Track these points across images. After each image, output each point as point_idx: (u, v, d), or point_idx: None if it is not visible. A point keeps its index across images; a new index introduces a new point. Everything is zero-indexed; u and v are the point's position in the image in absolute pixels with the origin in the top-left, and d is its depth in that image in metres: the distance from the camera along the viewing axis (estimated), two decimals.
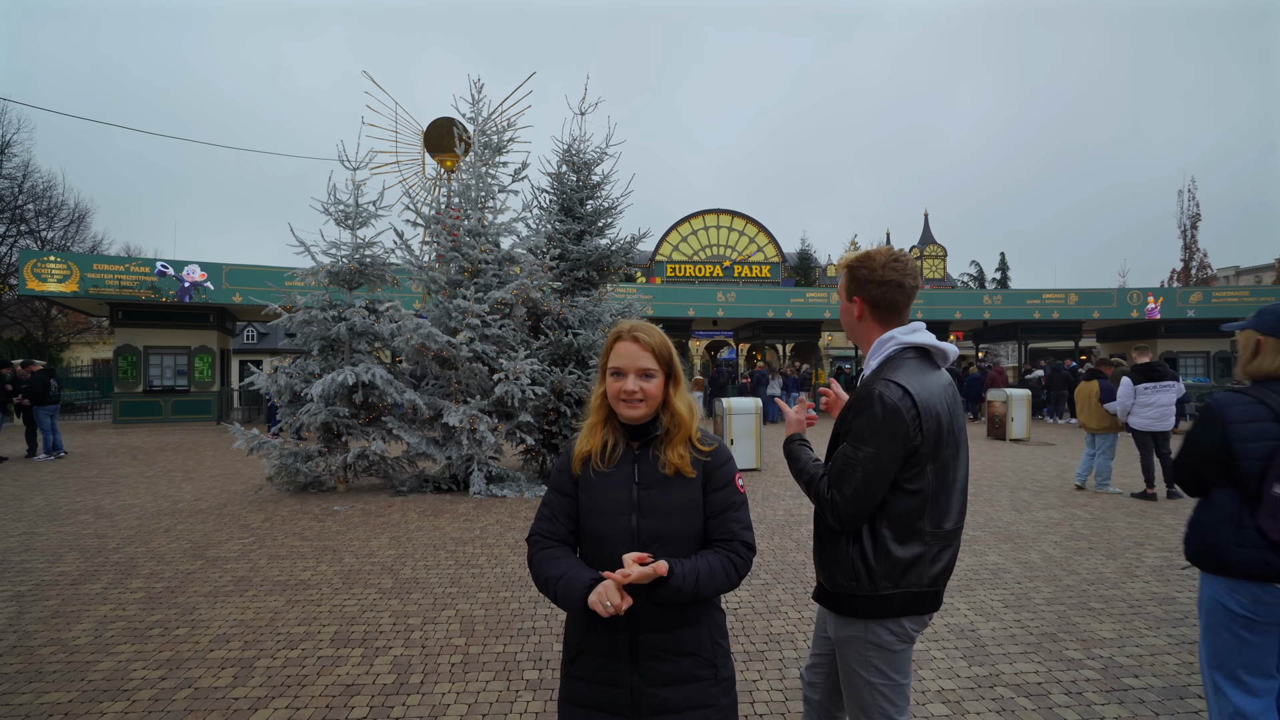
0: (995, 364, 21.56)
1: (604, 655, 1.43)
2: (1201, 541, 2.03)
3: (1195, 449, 2.05)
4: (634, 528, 1.44)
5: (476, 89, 8.56)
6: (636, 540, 1.43)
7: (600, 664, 1.44)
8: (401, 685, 3.06)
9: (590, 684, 1.45)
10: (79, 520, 6.30)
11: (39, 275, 14.92)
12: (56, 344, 27.67)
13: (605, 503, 1.48)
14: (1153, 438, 7.41)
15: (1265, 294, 20.77)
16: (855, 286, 1.80)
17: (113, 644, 3.49)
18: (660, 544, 1.42)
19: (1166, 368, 7.38)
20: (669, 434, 1.50)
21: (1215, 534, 1.99)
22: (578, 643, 1.48)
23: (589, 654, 1.46)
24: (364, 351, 8.26)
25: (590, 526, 1.49)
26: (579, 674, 1.47)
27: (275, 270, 16.20)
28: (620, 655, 1.42)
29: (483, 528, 6.06)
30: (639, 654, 1.41)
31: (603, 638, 1.43)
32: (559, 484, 1.56)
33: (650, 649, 1.41)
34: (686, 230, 31.67)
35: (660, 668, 1.41)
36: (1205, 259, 35.63)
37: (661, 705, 1.41)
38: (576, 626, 1.49)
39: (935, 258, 39.82)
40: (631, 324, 1.53)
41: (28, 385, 10.70)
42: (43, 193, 24.48)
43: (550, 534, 1.51)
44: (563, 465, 1.57)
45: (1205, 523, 2.04)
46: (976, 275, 48.05)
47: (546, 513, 1.54)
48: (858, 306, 1.82)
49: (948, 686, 3.05)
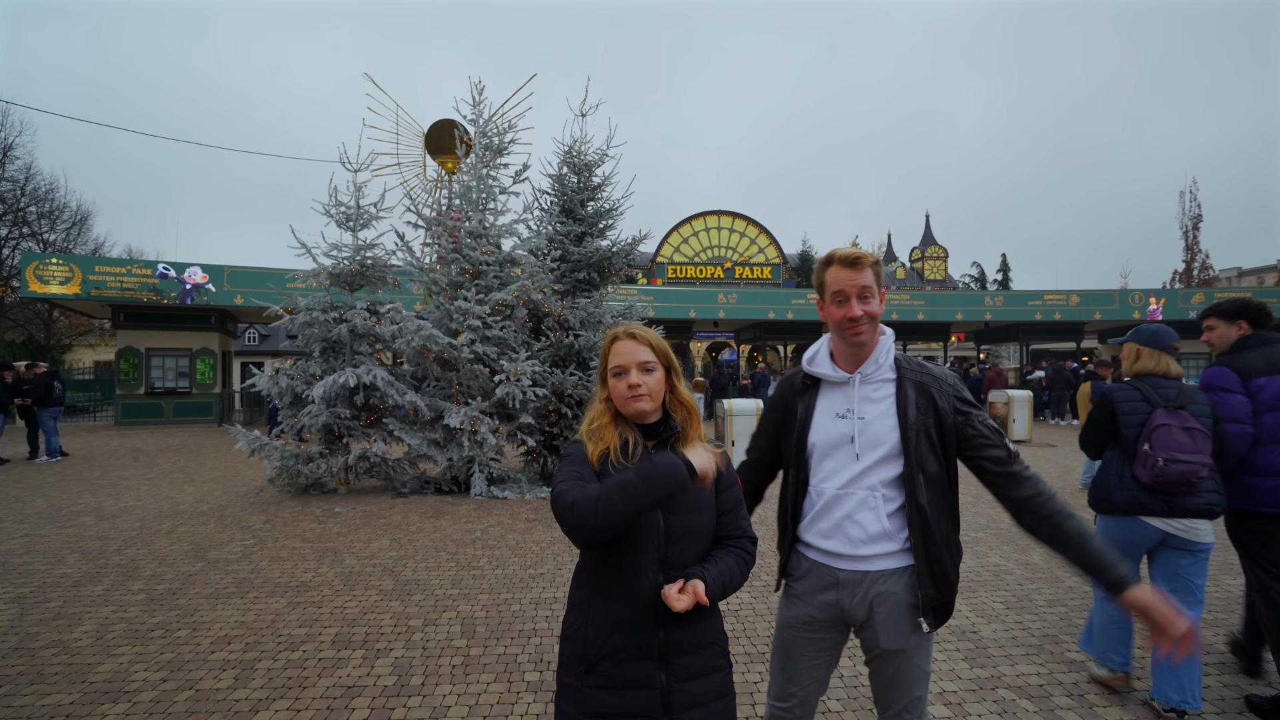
0: (995, 365, 21.54)
1: (633, 657, 1.39)
2: (1098, 492, 2.91)
3: (1094, 423, 2.95)
4: (662, 526, 1.43)
5: (477, 91, 8.58)
6: (665, 537, 1.43)
7: (628, 668, 1.39)
8: (402, 687, 3.06)
9: (616, 691, 1.38)
10: (81, 522, 6.31)
11: (41, 277, 14.96)
12: (58, 346, 27.73)
13: None
14: None
15: (1267, 295, 20.74)
16: (882, 279, 1.72)
17: (114, 646, 3.50)
18: (686, 542, 1.45)
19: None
20: (685, 427, 1.54)
21: (1105, 485, 2.87)
22: (598, 649, 1.40)
23: (614, 659, 1.39)
24: (365, 353, 8.27)
25: None
26: (599, 683, 1.39)
27: (277, 272, 16.23)
28: (651, 655, 1.39)
29: (484, 529, 6.06)
30: (668, 651, 1.40)
31: (631, 639, 1.39)
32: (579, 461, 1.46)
33: (678, 645, 1.41)
34: (688, 231, 31.68)
35: (687, 662, 1.42)
36: (1207, 260, 35.60)
37: (691, 699, 1.40)
38: (599, 632, 1.41)
39: (936, 259, 39.82)
40: (625, 326, 1.58)
41: (31, 387, 10.72)
42: (45, 195, 24.52)
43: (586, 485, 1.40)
44: (578, 458, 1.47)
45: (1100, 479, 2.91)
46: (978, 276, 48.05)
47: (575, 474, 1.42)
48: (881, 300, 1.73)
49: (949, 688, 3.05)
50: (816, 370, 1.77)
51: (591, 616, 1.43)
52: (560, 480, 1.41)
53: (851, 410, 1.70)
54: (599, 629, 1.41)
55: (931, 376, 1.71)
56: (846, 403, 1.71)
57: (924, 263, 39.84)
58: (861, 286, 1.66)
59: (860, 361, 1.72)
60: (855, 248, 1.71)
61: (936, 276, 39.28)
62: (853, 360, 1.73)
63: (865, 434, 1.67)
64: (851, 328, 1.67)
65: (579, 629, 1.44)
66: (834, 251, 1.72)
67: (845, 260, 1.69)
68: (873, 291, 1.67)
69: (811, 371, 1.78)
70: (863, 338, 1.68)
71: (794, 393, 1.82)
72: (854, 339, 1.68)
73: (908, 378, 1.70)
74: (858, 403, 1.70)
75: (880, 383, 1.71)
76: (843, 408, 1.71)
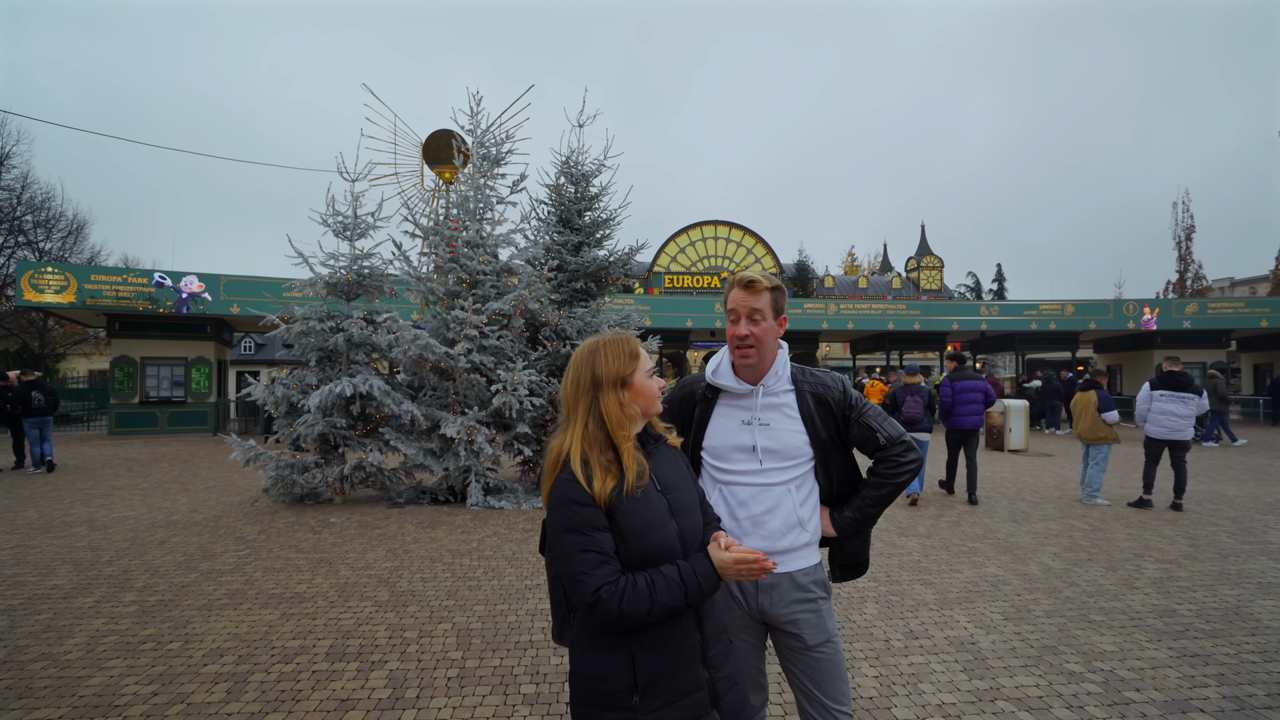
0: (990, 374, 21.60)
1: (685, 664, 1.38)
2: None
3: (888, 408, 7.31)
4: (679, 531, 1.45)
5: (475, 101, 8.62)
6: (683, 544, 1.44)
7: (682, 679, 1.37)
8: (397, 700, 3.03)
9: (674, 705, 1.34)
10: (72, 533, 6.25)
11: (36, 286, 14.91)
12: (53, 355, 27.58)
13: (653, 517, 1.41)
14: (1167, 447, 7.29)
15: (1259, 305, 20.87)
16: (781, 304, 1.85)
17: (105, 659, 3.45)
18: (695, 541, 1.48)
19: (1190, 379, 7.22)
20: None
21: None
22: (653, 672, 1.35)
23: (668, 675, 1.35)
24: (361, 362, 8.25)
25: (642, 548, 1.38)
26: (659, 704, 1.33)
27: (273, 281, 16.22)
28: (696, 656, 1.41)
29: (480, 539, 6.03)
30: (707, 646, 1.44)
31: (680, 646, 1.39)
32: (592, 521, 1.35)
33: (712, 638, 1.46)
34: (684, 241, 31.80)
35: (717, 652, 1.46)
36: (1200, 270, 35.94)
37: (728, 683, 1.46)
38: (649, 658, 1.35)
39: (932, 269, 40.02)
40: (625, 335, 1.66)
41: (14, 395, 10.63)
42: (41, 204, 24.50)
43: (615, 575, 1.34)
44: (584, 500, 1.35)
45: None
46: (974, 286, 48.29)
47: (597, 558, 1.33)
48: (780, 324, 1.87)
49: (948, 700, 3.03)
50: (719, 381, 1.87)
51: (636, 649, 1.36)
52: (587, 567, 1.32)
53: (757, 418, 1.83)
54: (648, 656, 1.36)
55: (824, 386, 1.88)
56: (754, 411, 1.84)
57: (920, 272, 40.05)
58: (752, 309, 1.78)
59: (761, 374, 1.84)
60: (761, 273, 1.82)
61: (932, 286, 39.47)
62: (753, 373, 1.84)
63: (773, 439, 1.81)
64: (739, 345, 1.80)
65: (623, 665, 1.35)
66: (737, 274, 1.83)
67: (742, 283, 1.81)
68: (764, 314, 1.79)
69: (714, 383, 1.88)
70: (750, 358, 1.80)
71: (692, 401, 1.94)
72: (740, 357, 1.81)
73: (805, 389, 1.86)
74: (761, 411, 1.83)
75: (781, 393, 1.85)
76: (747, 415, 1.84)
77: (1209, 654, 3.50)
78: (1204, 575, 4.89)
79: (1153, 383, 7.37)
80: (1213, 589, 4.57)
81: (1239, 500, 7.80)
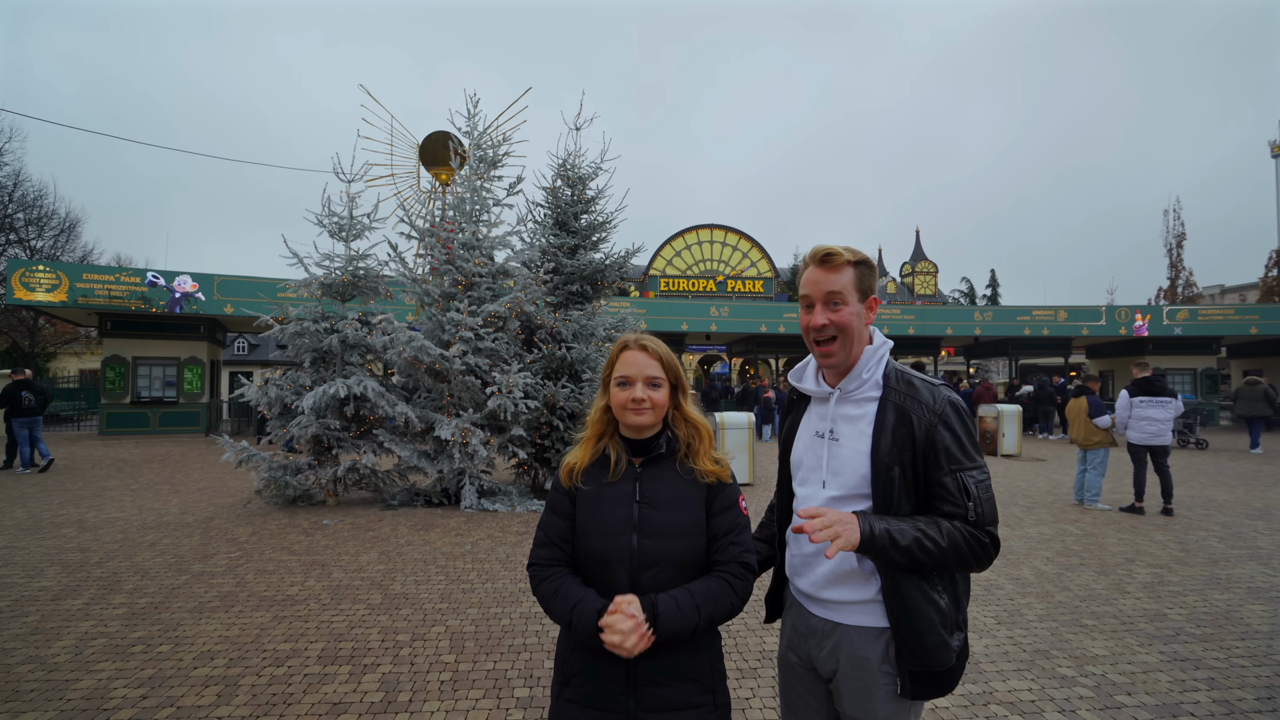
0: (984, 380, 21.73)
1: (600, 679, 1.38)
2: None
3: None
4: (634, 548, 1.39)
5: (472, 104, 8.62)
6: (637, 561, 1.38)
7: (596, 688, 1.38)
8: (390, 704, 3.01)
9: (584, 708, 1.39)
10: (61, 534, 6.19)
11: (27, 285, 14.78)
12: (43, 354, 27.37)
13: (604, 521, 1.42)
14: (1149, 452, 7.47)
15: (1249, 312, 21.06)
16: (869, 283, 1.47)
17: (93, 662, 3.42)
18: (660, 567, 1.38)
19: (1164, 384, 7.46)
20: (692, 445, 1.49)
21: None
22: (572, 665, 1.42)
23: (584, 677, 1.40)
24: (356, 364, 8.22)
25: (588, 547, 1.42)
26: (572, 697, 1.41)
27: (268, 281, 16.14)
28: (617, 679, 1.37)
29: (474, 542, 6.00)
30: (637, 678, 1.37)
31: (599, 660, 1.36)
32: (556, 504, 1.50)
33: (649, 673, 1.36)
34: (680, 245, 31.84)
35: (658, 693, 1.37)
36: (1191, 277, 36.28)
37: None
38: (570, 648, 1.43)
39: (926, 274, 40.23)
40: (638, 335, 1.52)
41: (3, 395, 10.53)
42: (33, 202, 24.34)
43: (549, 560, 1.46)
44: (558, 483, 1.51)
45: None
46: (967, 291, 48.57)
47: (543, 537, 1.48)
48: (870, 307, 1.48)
49: (940, 705, 3.04)
50: (802, 386, 1.59)
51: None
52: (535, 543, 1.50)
53: (829, 430, 1.48)
54: (570, 645, 1.44)
55: (913, 398, 1.41)
56: (827, 421, 1.49)
57: (914, 277, 40.25)
58: (828, 292, 1.42)
59: (843, 375, 1.48)
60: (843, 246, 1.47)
61: (926, 291, 39.68)
62: (836, 373, 1.50)
63: (838, 460, 1.45)
64: (816, 339, 1.46)
65: (563, 641, 1.48)
66: (813, 249, 1.48)
67: (818, 258, 1.44)
68: (845, 297, 1.42)
69: (798, 387, 1.61)
70: (833, 355, 1.45)
71: (789, 408, 1.68)
72: (822, 355, 1.48)
73: (890, 398, 1.42)
74: (835, 421, 1.48)
75: (862, 400, 1.46)
76: (823, 426, 1.50)
77: (1199, 658, 3.52)
78: (1194, 580, 4.93)
79: (1130, 390, 7.48)
80: (1203, 594, 4.60)
81: (1229, 505, 7.86)
